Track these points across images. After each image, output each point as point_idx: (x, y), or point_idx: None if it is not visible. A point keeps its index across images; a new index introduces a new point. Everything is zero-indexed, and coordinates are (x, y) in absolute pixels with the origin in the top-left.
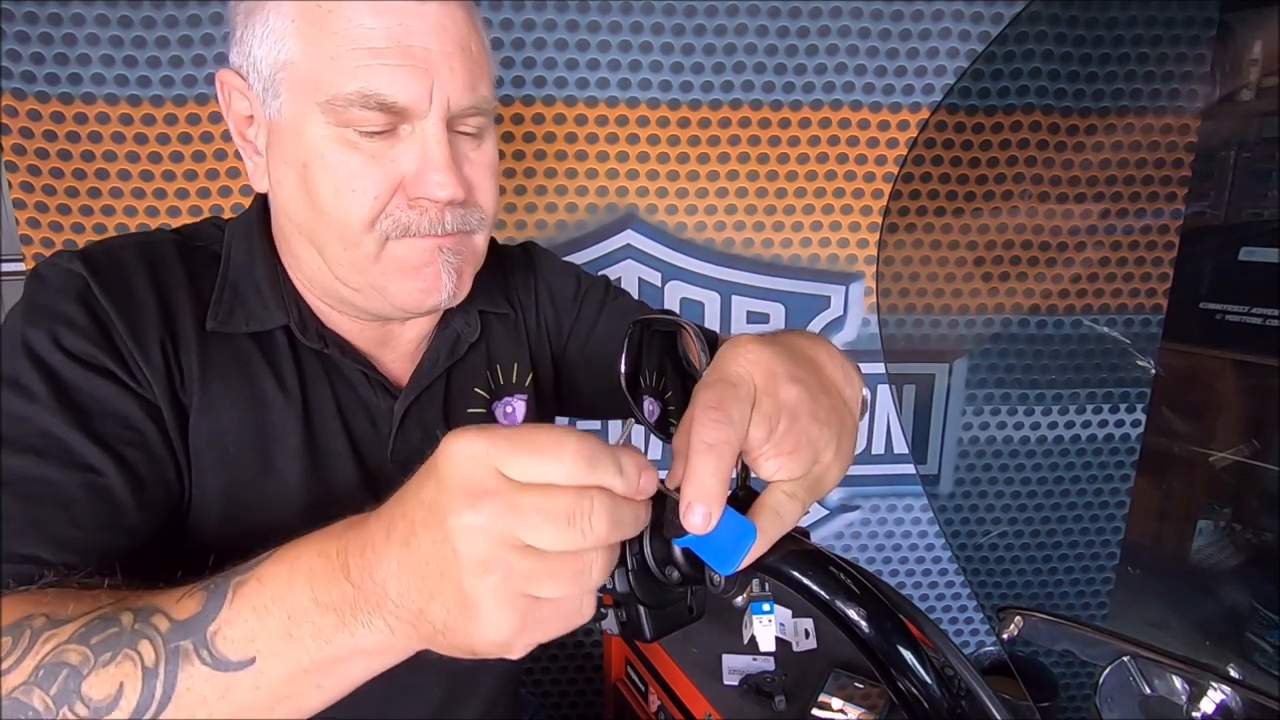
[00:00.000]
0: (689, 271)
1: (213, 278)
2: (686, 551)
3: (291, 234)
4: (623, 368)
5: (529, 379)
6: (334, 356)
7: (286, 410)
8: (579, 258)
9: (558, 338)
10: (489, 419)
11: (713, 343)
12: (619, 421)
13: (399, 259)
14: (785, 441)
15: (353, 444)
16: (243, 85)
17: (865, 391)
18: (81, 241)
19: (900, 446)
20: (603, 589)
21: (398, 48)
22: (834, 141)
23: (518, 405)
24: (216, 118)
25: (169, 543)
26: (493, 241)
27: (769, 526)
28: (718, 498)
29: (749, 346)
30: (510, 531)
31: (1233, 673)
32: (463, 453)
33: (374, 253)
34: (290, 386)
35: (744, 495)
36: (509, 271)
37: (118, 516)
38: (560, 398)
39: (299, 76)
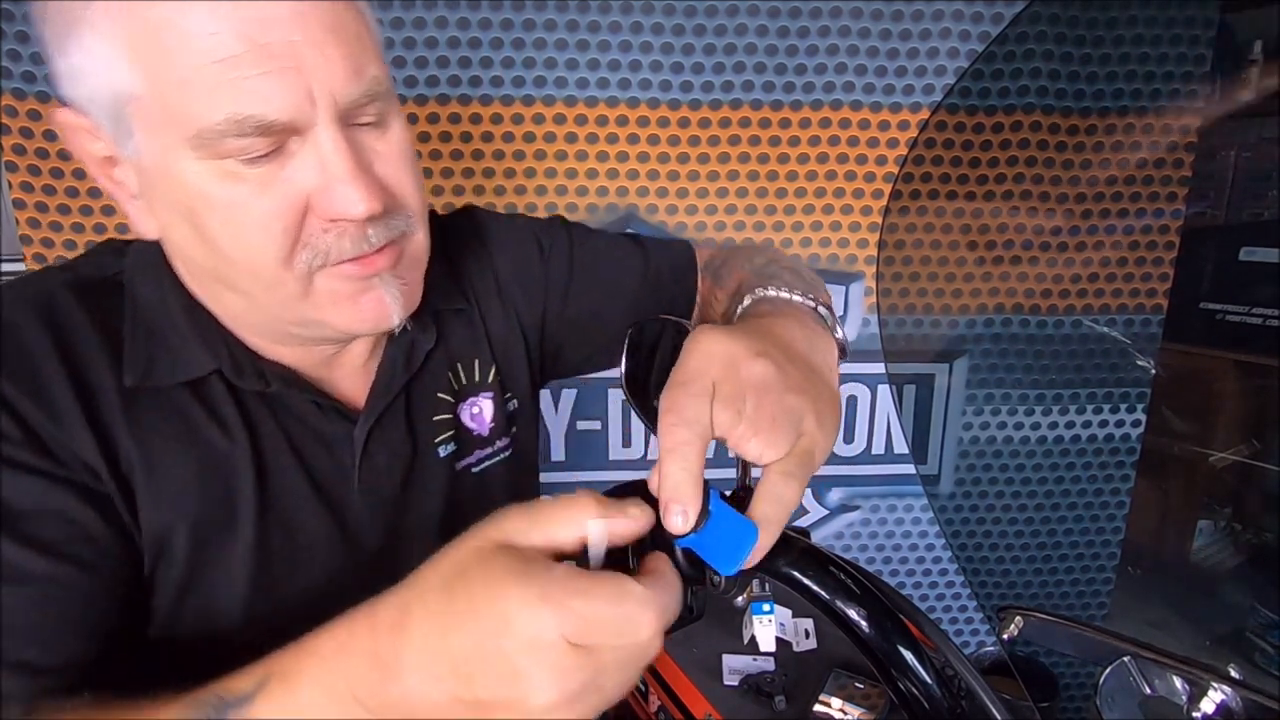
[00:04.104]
0: None
1: (121, 320)
2: (687, 551)
3: (201, 278)
4: (623, 368)
5: (492, 374)
6: (278, 393)
7: (238, 461)
8: None
9: (531, 316)
10: (455, 425)
11: None
12: (618, 417)
13: (331, 292)
14: (759, 418)
15: (314, 483)
16: (88, 124)
17: (827, 314)
18: (81, 241)
19: (900, 446)
20: None
21: (255, 50)
22: (834, 141)
23: (484, 405)
24: None
25: (139, 624)
26: (433, 216)
27: (772, 511)
28: (690, 497)
29: (705, 338)
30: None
31: (1233, 673)
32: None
33: (300, 290)
34: (236, 433)
35: (744, 495)
36: (459, 256)
37: (76, 622)
38: (550, 368)
39: (147, 111)
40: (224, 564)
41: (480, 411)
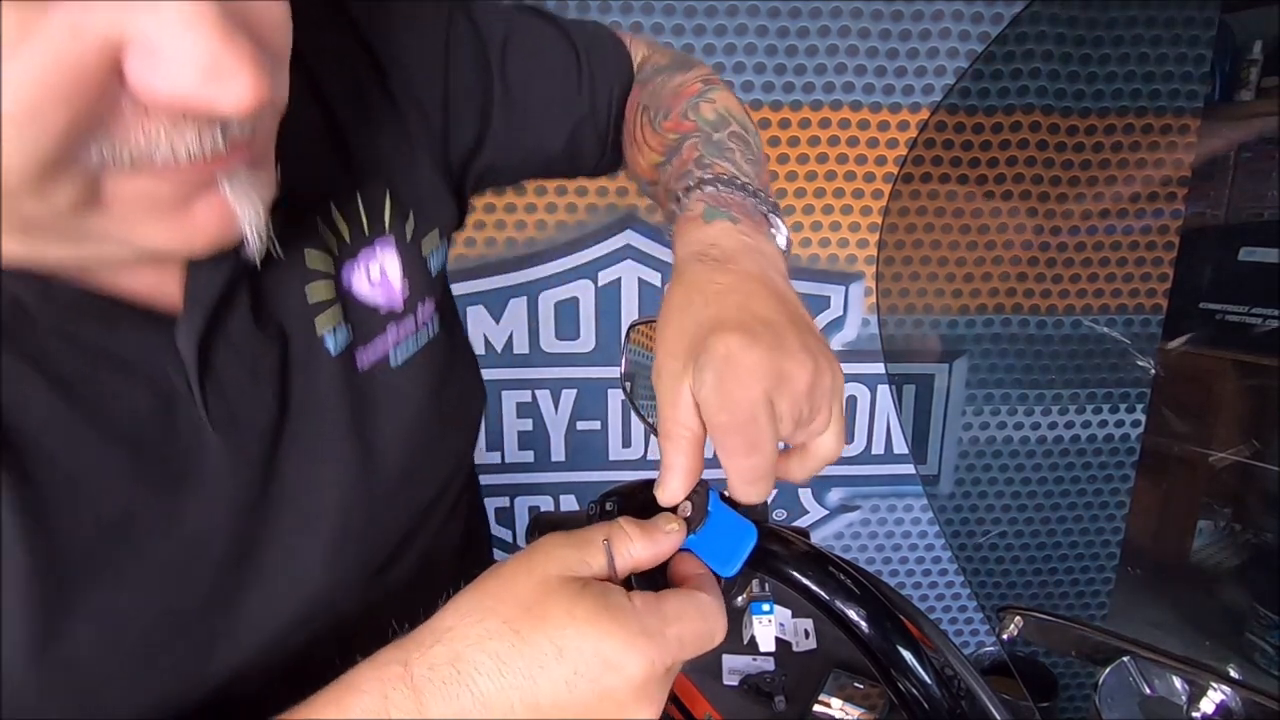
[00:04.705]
0: None
1: None
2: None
3: None
4: (623, 367)
5: (388, 209)
6: (12, 317)
7: None
8: (579, 258)
9: (442, 124)
10: (343, 299)
11: None
12: (618, 417)
13: (142, 199)
14: (812, 416)
15: (126, 443)
16: None
17: (786, 240)
18: None
19: (900, 446)
20: None
21: None
22: (834, 141)
23: (386, 259)
24: None
25: None
26: None
27: (817, 467)
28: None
29: (742, 360)
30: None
31: (1233, 673)
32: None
33: (77, 198)
34: None
35: None
36: (301, 29)
37: None
38: (473, 192)
39: None
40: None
41: (382, 272)
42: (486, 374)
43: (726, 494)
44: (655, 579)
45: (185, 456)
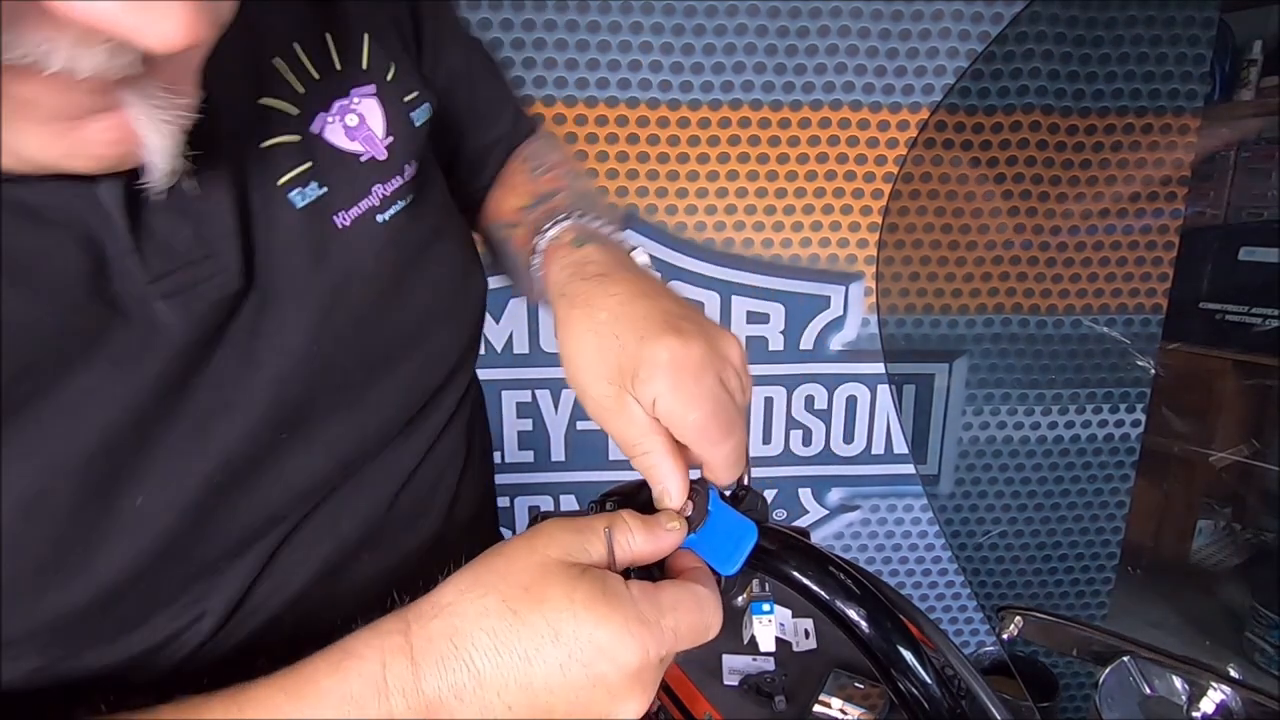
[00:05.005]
0: (689, 271)
1: None
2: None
3: None
4: None
5: (365, 55)
6: None
7: None
8: None
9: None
10: (312, 151)
11: None
12: None
13: (24, 103)
14: (747, 381)
15: (51, 301)
16: None
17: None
18: None
19: (900, 446)
20: None
21: None
22: (834, 141)
23: (366, 109)
24: None
25: None
26: None
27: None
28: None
29: (686, 357)
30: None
31: (1233, 673)
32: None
33: None
34: None
35: (743, 495)
36: None
37: None
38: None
39: None
40: None
41: (362, 120)
42: (487, 374)
43: (727, 494)
44: (653, 575)
45: (123, 322)
